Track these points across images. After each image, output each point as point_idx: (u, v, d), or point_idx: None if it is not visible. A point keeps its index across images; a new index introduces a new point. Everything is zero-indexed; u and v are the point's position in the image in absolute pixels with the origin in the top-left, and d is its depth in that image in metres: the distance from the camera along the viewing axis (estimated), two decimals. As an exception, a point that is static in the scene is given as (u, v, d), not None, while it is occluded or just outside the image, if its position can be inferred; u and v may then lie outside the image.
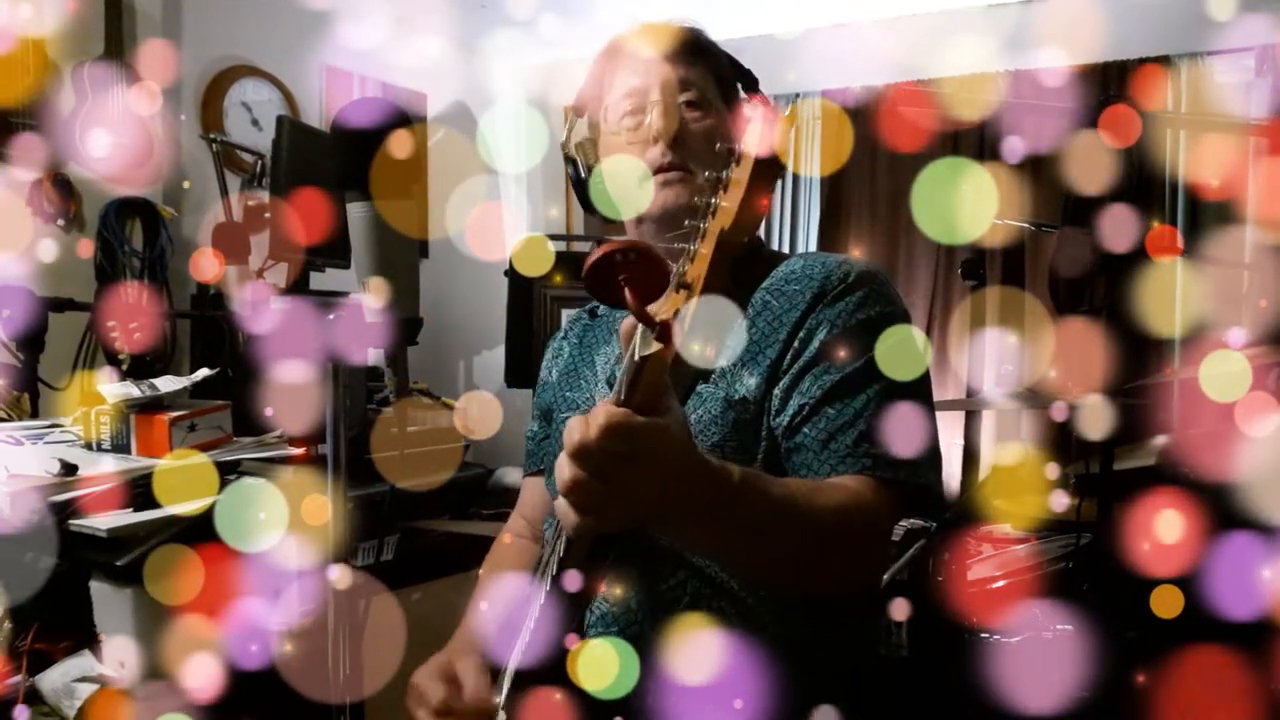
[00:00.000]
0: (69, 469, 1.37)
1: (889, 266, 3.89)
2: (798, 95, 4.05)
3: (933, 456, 1.02)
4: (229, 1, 3.09)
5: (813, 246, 4.04)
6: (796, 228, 4.16)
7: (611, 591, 0.99)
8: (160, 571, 1.28)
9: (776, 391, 1.01)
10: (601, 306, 1.21)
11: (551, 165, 4.04)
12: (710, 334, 0.97)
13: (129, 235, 2.71)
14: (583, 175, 1.18)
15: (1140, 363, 3.35)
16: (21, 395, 1.92)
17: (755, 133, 0.68)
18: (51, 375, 2.07)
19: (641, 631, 0.98)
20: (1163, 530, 1.83)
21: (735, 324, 0.97)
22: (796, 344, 1.02)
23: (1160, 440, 2.51)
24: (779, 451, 1.02)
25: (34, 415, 1.89)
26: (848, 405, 0.98)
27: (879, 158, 4.06)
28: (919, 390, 1.02)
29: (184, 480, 1.41)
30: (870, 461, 0.96)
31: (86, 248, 2.64)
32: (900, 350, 1.00)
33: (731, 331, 0.97)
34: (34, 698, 1.24)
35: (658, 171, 1.09)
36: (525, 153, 4.03)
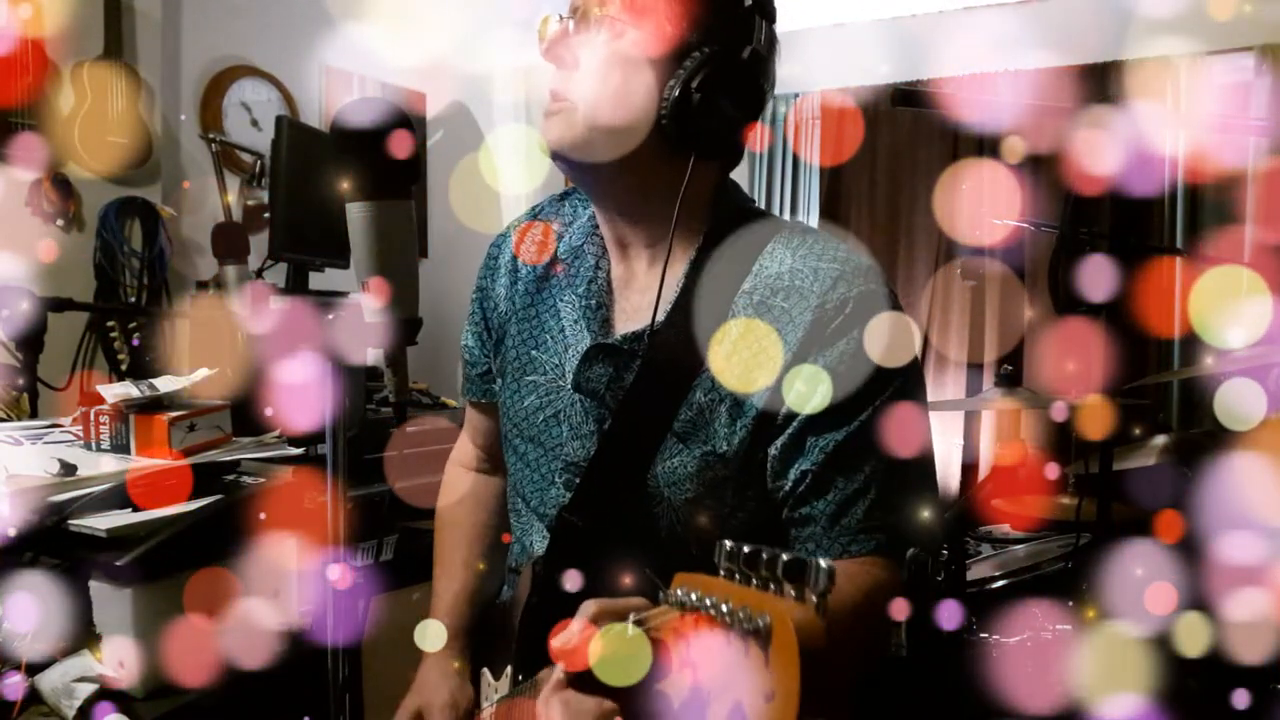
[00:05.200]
0: (68, 469, 1.37)
1: (888, 268, 3.90)
2: (797, 94, 4.05)
3: (934, 512, 0.95)
4: (229, 1, 3.09)
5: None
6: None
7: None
8: (160, 571, 1.28)
9: (773, 451, 0.94)
10: (561, 246, 1.09)
11: (554, 185, 4.04)
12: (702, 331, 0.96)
13: (128, 235, 2.71)
14: None
15: (1140, 363, 3.35)
16: (21, 395, 1.92)
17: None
18: (51, 375, 2.07)
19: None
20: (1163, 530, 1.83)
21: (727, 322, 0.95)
22: (791, 396, 0.92)
23: (1160, 440, 2.51)
24: (763, 507, 0.97)
25: (33, 415, 1.89)
26: (856, 471, 0.91)
27: (879, 159, 4.06)
28: (922, 436, 0.96)
29: (162, 485, 1.41)
30: (883, 538, 0.92)
31: (86, 248, 2.64)
32: (904, 391, 0.93)
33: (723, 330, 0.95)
34: (33, 698, 1.24)
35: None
36: (527, 174, 4.02)
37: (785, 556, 0.52)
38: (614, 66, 0.94)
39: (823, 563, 0.51)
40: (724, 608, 0.53)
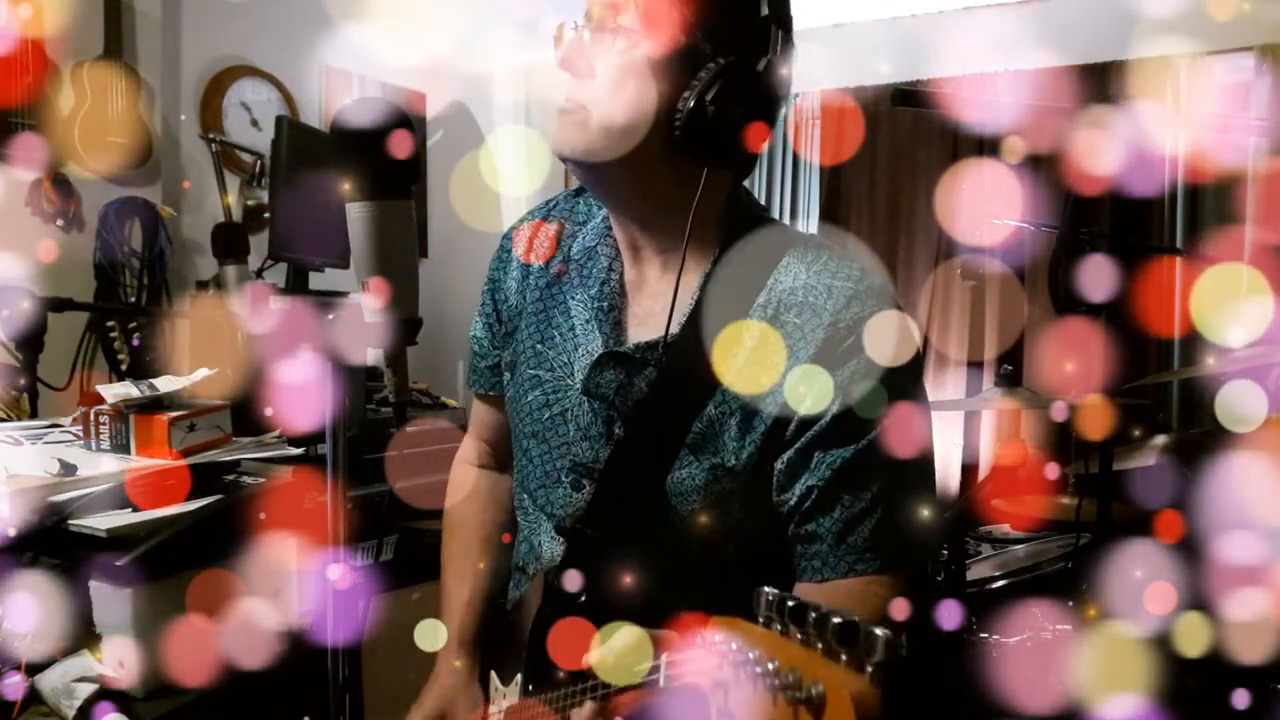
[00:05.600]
0: (68, 469, 1.37)
1: (888, 268, 3.89)
2: (797, 95, 4.05)
3: (934, 525, 0.96)
4: (229, 1, 3.09)
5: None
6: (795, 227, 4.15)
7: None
8: (160, 571, 1.28)
9: (779, 465, 0.95)
10: (575, 246, 1.10)
11: (554, 186, 4.03)
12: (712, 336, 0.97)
13: (128, 235, 2.71)
14: None
15: (1140, 363, 3.35)
16: (21, 395, 1.92)
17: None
18: (51, 375, 2.07)
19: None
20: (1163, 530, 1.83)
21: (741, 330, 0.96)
22: (801, 411, 0.93)
23: (1160, 440, 2.51)
24: (767, 521, 0.97)
25: (33, 415, 1.89)
26: (863, 490, 0.92)
27: (879, 159, 4.06)
28: (925, 455, 0.96)
29: (162, 485, 1.41)
30: (888, 557, 0.93)
31: (86, 248, 2.64)
32: (912, 412, 0.94)
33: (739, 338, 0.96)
34: (33, 698, 1.24)
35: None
36: (528, 175, 4.01)
37: (836, 619, 0.51)
38: (629, 75, 0.94)
39: (878, 631, 0.50)
40: (770, 666, 0.52)
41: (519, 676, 1.04)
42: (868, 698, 0.49)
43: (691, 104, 0.93)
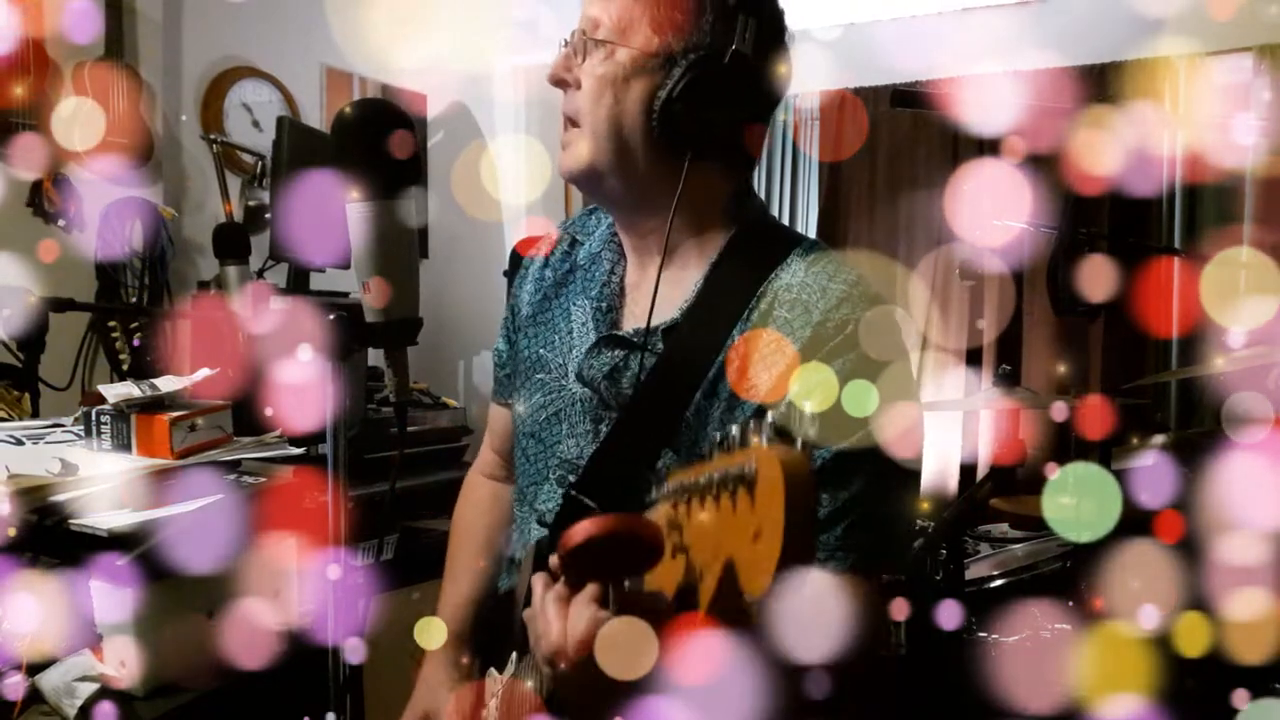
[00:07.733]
0: (70, 469, 1.37)
1: (887, 268, 3.89)
2: (796, 95, 4.05)
3: (911, 534, 0.98)
4: (229, 2, 3.09)
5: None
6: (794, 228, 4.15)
7: None
8: (161, 571, 1.28)
9: None
10: (581, 253, 1.13)
11: (555, 189, 4.03)
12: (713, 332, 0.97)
13: (130, 236, 2.71)
14: None
15: (1140, 363, 3.35)
16: (22, 395, 1.92)
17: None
18: (52, 375, 2.07)
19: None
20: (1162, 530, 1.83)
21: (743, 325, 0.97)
22: (782, 407, 0.92)
23: (1160, 440, 2.51)
24: None
25: (34, 415, 1.89)
26: (840, 490, 0.92)
27: (878, 159, 4.06)
28: (910, 461, 0.95)
29: (163, 484, 1.41)
30: (858, 557, 0.93)
31: (86, 248, 2.64)
32: (896, 419, 0.93)
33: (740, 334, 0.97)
34: (34, 697, 1.25)
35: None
36: (528, 177, 4.00)
37: (770, 416, 0.55)
38: (608, 84, 0.98)
39: (806, 407, 0.56)
40: (714, 476, 0.55)
41: (514, 655, 1.05)
42: (795, 455, 0.51)
43: (663, 97, 0.96)
